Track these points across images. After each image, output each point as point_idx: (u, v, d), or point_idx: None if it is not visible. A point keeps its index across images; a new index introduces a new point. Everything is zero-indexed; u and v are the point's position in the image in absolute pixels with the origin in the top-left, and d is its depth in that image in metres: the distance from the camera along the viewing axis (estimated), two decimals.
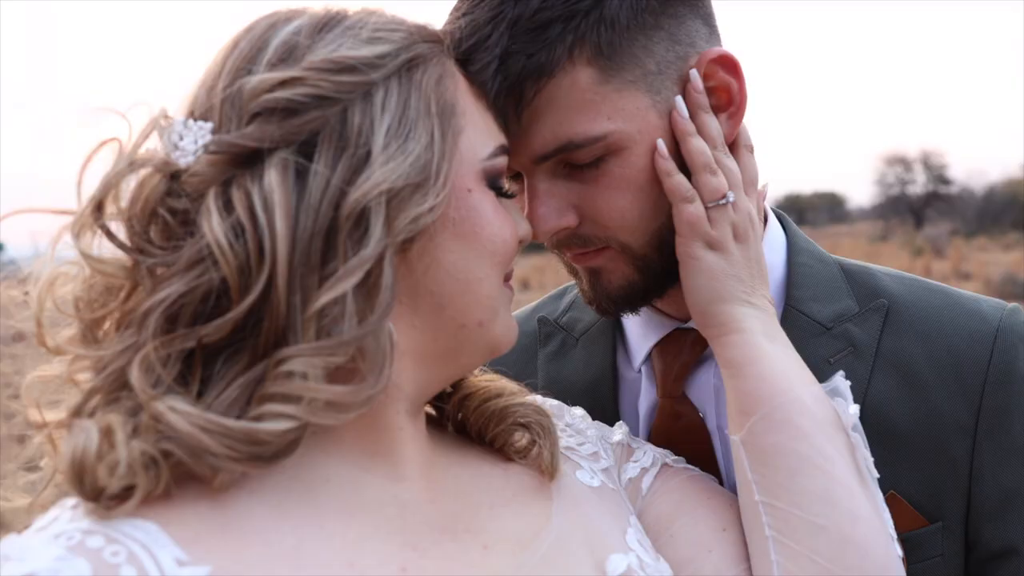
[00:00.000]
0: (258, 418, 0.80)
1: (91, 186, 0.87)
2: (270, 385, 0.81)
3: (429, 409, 1.08)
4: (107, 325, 0.87)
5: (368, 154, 0.86)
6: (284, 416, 0.80)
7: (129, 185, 0.87)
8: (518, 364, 1.37)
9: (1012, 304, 1.25)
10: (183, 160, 0.86)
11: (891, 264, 1.37)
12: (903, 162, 44.61)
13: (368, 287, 0.85)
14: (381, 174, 0.85)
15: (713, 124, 1.14)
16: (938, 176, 44.45)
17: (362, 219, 0.84)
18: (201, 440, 0.77)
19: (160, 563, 0.75)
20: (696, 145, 1.12)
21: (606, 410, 1.34)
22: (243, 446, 0.79)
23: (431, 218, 0.89)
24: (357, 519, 0.87)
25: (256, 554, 0.79)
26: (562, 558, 0.95)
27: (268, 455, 0.81)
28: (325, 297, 0.82)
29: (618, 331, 1.40)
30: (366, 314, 0.85)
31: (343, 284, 0.82)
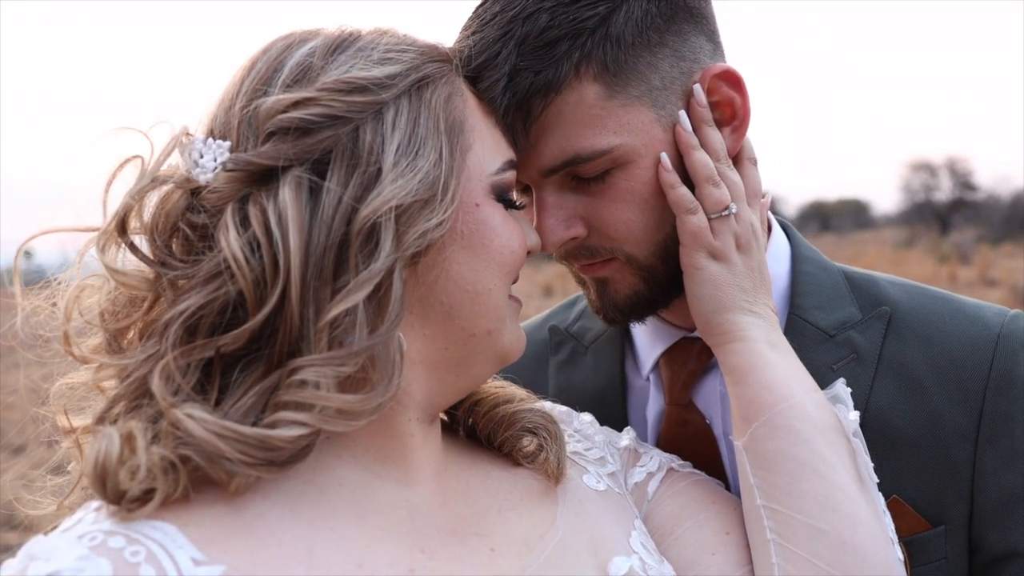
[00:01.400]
0: (272, 425, 0.83)
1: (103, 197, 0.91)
2: (284, 393, 0.84)
3: (440, 415, 1.11)
4: (131, 335, 0.92)
5: (379, 171, 0.89)
6: (297, 423, 0.83)
7: (151, 201, 0.91)
8: (529, 372, 1.40)
9: (1014, 311, 1.27)
10: (203, 177, 0.89)
11: (917, 271, 1.39)
12: (928, 168, 44.14)
13: (378, 299, 0.88)
14: (391, 191, 0.88)
15: (716, 138, 1.17)
16: (964, 182, 43.94)
17: (372, 234, 0.88)
18: (217, 446, 0.81)
19: (177, 562, 0.78)
20: (699, 158, 1.15)
21: (615, 417, 1.37)
22: (257, 452, 0.82)
23: (439, 232, 0.92)
24: (368, 522, 0.91)
25: (269, 555, 0.83)
26: (566, 560, 0.98)
27: (281, 460, 0.84)
28: (337, 309, 0.85)
29: (627, 340, 1.42)
30: (376, 325, 0.88)
31: (354, 296, 0.86)
